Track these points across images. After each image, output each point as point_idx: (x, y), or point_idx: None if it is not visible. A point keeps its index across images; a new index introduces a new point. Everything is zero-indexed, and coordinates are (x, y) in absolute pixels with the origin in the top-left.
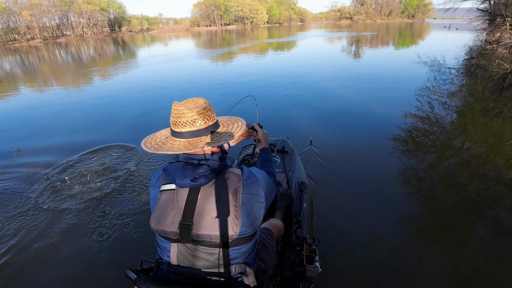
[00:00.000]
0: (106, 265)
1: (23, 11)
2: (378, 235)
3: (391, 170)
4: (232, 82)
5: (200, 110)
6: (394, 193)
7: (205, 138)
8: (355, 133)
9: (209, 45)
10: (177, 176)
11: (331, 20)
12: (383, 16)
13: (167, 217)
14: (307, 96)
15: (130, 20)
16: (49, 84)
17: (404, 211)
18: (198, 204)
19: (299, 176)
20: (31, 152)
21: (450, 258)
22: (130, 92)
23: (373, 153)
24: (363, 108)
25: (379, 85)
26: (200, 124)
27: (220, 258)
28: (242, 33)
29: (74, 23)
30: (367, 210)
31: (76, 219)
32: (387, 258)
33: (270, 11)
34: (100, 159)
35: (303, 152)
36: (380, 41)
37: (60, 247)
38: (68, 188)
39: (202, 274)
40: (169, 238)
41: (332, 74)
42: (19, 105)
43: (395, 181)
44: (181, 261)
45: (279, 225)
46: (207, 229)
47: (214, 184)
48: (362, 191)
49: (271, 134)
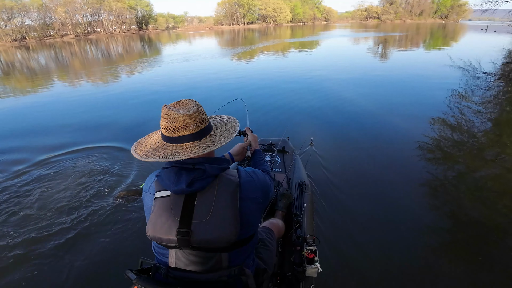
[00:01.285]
0: (106, 266)
1: (58, 7)
2: (380, 236)
3: (408, 176)
4: (243, 82)
5: (192, 113)
6: (403, 198)
7: (199, 143)
8: (373, 137)
9: (229, 44)
10: (171, 183)
11: (357, 20)
12: (413, 16)
13: (163, 225)
14: (320, 100)
15: (156, 18)
16: (79, 78)
17: (412, 215)
18: (196, 210)
19: (300, 176)
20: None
21: (469, 277)
22: (145, 90)
23: (388, 158)
24: (385, 111)
25: (405, 89)
26: (193, 128)
27: (219, 262)
28: (264, 32)
29: (104, 20)
30: (370, 212)
31: (75, 218)
32: (389, 261)
33: (294, 10)
34: (103, 158)
35: (302, 152)
36: (409, 42)
37: (60, 247)
38: (68, 187)
39: (201, 278)
40: (166, 246)
41: (353, 76)
42: (47, 99)
43: (410, 187)
44: (179, 265)
45: (280, 224)
46: (207, 235)
47: (211, 189)
48: (366, 193)
49: (274, 134)
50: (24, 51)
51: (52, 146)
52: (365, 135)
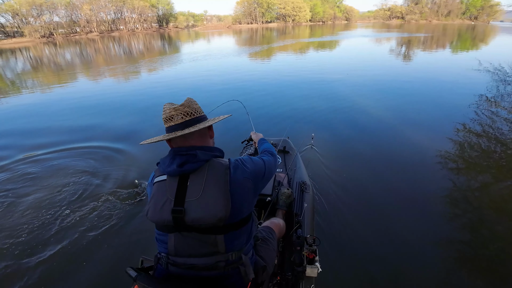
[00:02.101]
0: (107, 264)
1: (84, 5)
2: (384, 240)
3: (423, 182)
4: (254, 80)
5: (177, 107)
6: (414, 203)
7: (181, 132)
8: (387, 139)
9: (245, 43)
10: (166, 166)
11: (380, 19)
12: (440, 16)
13: (160, 206)
14: (328, 101)
15: (177, 17)
16: (101, 74)
17: (424, 223)
18: (188, 190)
19: (301, 176)
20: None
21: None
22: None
23: (402, 163)
24: (402, 115)
25: (427, 91)
26: (177, 119)
27: (215, 245)
28: (282, 31)
29: (127, 18)
30: (375, 215)
31: (76, 217)
32: (393, 265)
33: (314, 9)
34: (106, 157)
35: (303, 150)
36: (434, 44)
37: (61, 246)
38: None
39: (200, 263)
40: (165, 229)
41: (370, 78)
42: (69, 93)
43: (424, 193)
44: (178, 251)
45: (281, 224)
46: (199, 213)
47: (202, 171)
48: (372, 196)
49: (277, 134)
50: (51, 47)
51: (52, 143)
52: (377, 137)
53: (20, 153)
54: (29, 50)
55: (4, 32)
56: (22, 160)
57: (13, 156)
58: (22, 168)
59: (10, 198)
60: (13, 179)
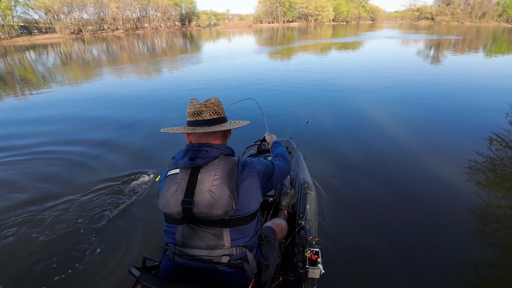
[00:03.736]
0: (110, 264)
1: (111, 3)
2: (390, 245)
3: (443, 192)
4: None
5: (208, 104)
6: (430, 213)
7: (208, 128)
8: (408, 144)
9: (264, 43)
10: (179, 158)
11: (408, 20)
12: (473, 18)
13: (171, 196)
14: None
15: (199, 15)
16: (126, 70)
17: (439, 233)
18: (198, 183)
19: (303, 177)
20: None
21: None
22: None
23: (423, 171)
24: (428, 122)
25: (457, 99)
26: (206, 115)
27: (221, 238)
28: (304, 30)
29: (151, 16)
30: (383, 220)
31: (79, 217)
32: (396, 268)
33: (338, 8)
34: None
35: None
36: (466, 47)
37: (63, 245)
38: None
39: (205, 255)
40: (174, 220)
41: (393, 82)
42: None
43: (442, 203)
44: (185, 242)
45: (283, 225)
46: (207, 205)
47: (213, 165)
48: (384, 201)
49: (279, 134)
50: (80, 43)
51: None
52: (395, 141)
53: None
54: (59, 46)
55: (38, 28)
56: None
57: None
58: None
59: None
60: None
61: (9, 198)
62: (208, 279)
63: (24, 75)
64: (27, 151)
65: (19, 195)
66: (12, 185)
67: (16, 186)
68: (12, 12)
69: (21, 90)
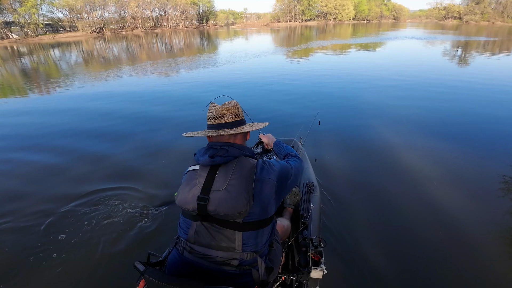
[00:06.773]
0: (114, 260)
1: (131, 2)
2: (393, 248)
3: (469, 204)
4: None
5: (229, 107)
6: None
7: (230, 130)
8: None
9: (280, 43)
10: (200, 155)
11: (433, 19)
12: (505, 18)
13: (188, 191)
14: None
15: (216, 14)
16: (143, 68)
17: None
18: (215, 181)
19: (308, 177)
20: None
21: None
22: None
23: (445, 179)
24: (454, 132)
25: (491, 106)
26: (228, 118)
27: (233, 240)
28: (322, 29)
29: (169, 15)
30: (386, 223)
31: (84, 216)
32: (399, 274)
33: (358, 6)
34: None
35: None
36: (497, 49)
37: (66, 245)
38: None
39: (215, 255)
40: (190, 215)
41: (417, 84)
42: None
43: (466, 215)
44: (197, 239)
45: (285, 225)
46: (221, 203)
47: (231, 165)
48: (393, 205)
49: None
50: (101, 42)
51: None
52: (415, 146)
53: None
54: (81, 44)
55: (61, 26)
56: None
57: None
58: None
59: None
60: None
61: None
62: (213, 279)
63: (53, 73)
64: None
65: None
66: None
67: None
68: (37, 11)
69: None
